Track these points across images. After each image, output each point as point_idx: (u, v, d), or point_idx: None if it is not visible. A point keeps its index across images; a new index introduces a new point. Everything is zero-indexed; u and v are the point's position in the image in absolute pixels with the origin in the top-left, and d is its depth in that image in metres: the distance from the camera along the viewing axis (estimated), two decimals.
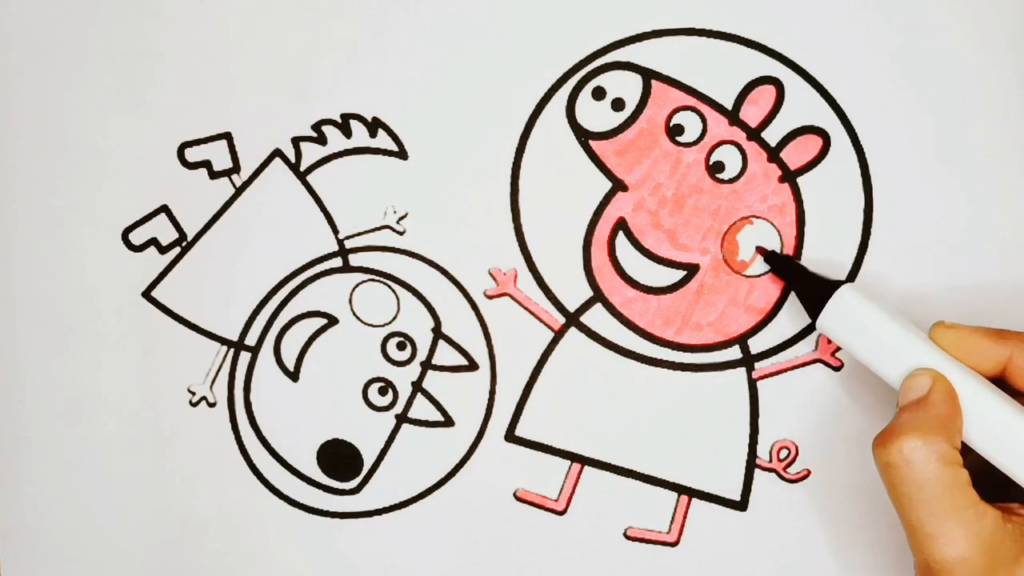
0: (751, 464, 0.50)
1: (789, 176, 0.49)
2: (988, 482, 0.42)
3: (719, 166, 0.49)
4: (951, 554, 0.40)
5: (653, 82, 0.49)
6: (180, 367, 0.51)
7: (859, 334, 0.44)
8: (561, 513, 0.51)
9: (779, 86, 0.49)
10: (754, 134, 0.49)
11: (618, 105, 0.49)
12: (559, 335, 0.50)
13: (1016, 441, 0.41)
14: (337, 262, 0.50)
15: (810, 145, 0.49)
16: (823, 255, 0.48)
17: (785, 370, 0.50)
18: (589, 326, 0.50)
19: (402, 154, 0.50)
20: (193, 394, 0.51)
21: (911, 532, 0.41)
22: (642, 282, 0.50)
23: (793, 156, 0.49)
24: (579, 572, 0.51)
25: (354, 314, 0.50)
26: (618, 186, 0.49)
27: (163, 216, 0.50)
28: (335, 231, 0.50)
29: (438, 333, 0.50)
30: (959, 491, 0.40)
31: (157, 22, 0.50)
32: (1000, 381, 0.43)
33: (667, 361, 0.50)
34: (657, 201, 0.49)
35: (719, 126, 0.49)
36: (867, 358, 0.44)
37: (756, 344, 0.50)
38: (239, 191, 0.50)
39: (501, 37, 0.49)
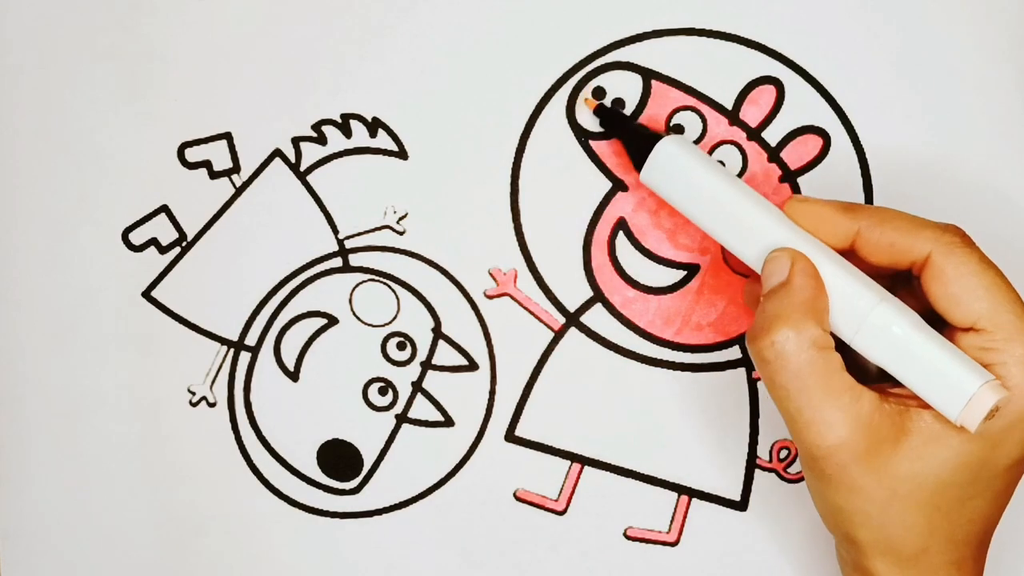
0: (751, 464, 0.50)
1: (789, 176, 0.49)
2: (860, 364, 0.42)
3: None
4: (832, 439, 0.39)
5: (653, 82, 0.49)
6: (180, 367, 0.51)
7: (682, 186, 0.44)
8: (561, 513, 0.51)
9: (779, 86, 0.49)
10: (754, 134, 0.49)
11: (618, 105, 0.49)
12: (559, 335, 0.50)
13: (871, 319, 0.40)
14: (337, 262, 0.50)
15: (810, 145, 0.49)
16: None
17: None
18: (589, 326, 0.50)
19: (402, 154, 0.50)
20: (193, 394, 0.51)
21: (791, 421, 0.40)
22: (642, 282, 0.50)
23: (793, 156, 0.49)
24: (579, 572, 0.51)
25: (354, 314, 0.50)
26: (618, 186, 0.49)
27: (163, 216, 0.50)
28: (335, 231, 0.50)
29: (438, 333, 0.50)
30: (834, 376, 0.40)
31: (157, 22, 0.50)
32: (850, 255, 0.42)
33: (667, 361, 0.50)
34: (657, 201, 0.49)
35: (719, 126, 0.49)
36: (690, 210, 0.44)
37: None
38: (239, 191, 0.50)
39: (501, 37, 0.49)
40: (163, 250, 0.50)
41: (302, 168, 0.50)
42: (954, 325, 0.41)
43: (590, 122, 0.49)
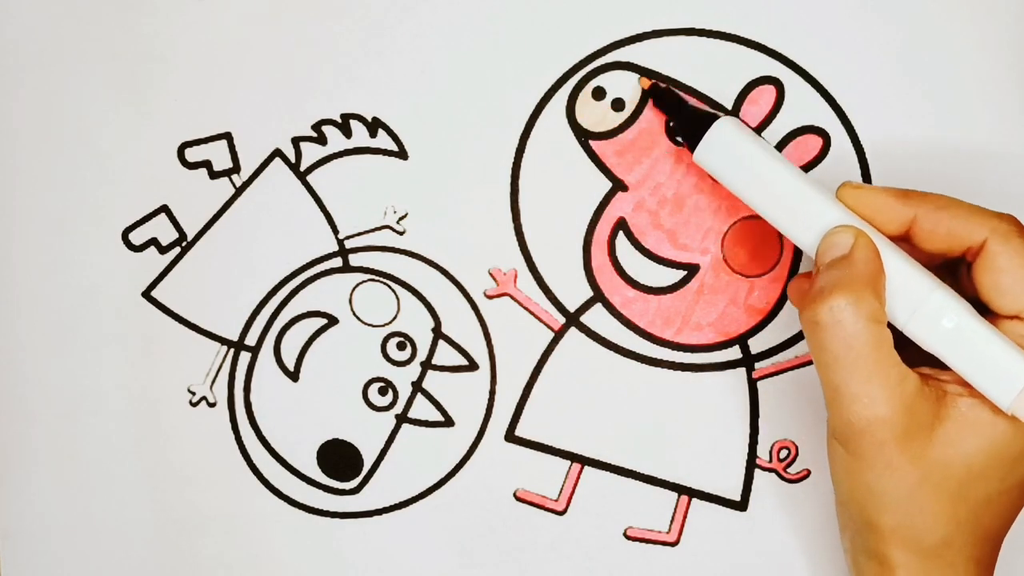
0: (751, 464, 0.50)
1: None
2: (900, 345, 0.41)
3: None
4: (873, 414, 0.39)
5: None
6: (180, 367, 0.51)
7: (737, 166, 0.44)
8: (561, 513, 0.51)
9: (779, 86, 0.49)
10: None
11: (618, 105, 0.49)
12: (559, 335, 0.50)
13: (926, 305, 0.40)
14: (337, 262, 0.50)
15: (810, 145, 0.49)
16: None
17: (785, 370, 0.50)
18: (589, 326, 0.50)
19: (402, 154, 0.50)
20: (193, 394, 0.51)
21: (833, 392, 0.40)
22: (642, 282, 0.50)
23: (793, 156, 0.49)
24: (579, 572, 0.51)
25: (354, 314, 0.50)
26: (618, 186, 0.49)
27: (163, 216, 0.50)
28: (335, 231, 0.50)
29: (438, 333, 0.50)
30: (884, 351, 0.39)
31: (157, 22, 0.50)
32: (901, 242, 0.42)
33: (667, 361, 0.50)
34: (657, 201, 0.49)
35: None
36: (744, 191, 0.44)
37: (756, 344, 0.50)
38: (239, 191, 0.50)
39: (501, 37, 0.49)
40: (163, 250, 0.50)
41: (302, 168, 0.50)
42: (999, 313, 0.41)
43: (590, 122, 0.49)
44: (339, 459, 0.51)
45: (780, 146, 0.49)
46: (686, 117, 0.46)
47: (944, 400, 0.40)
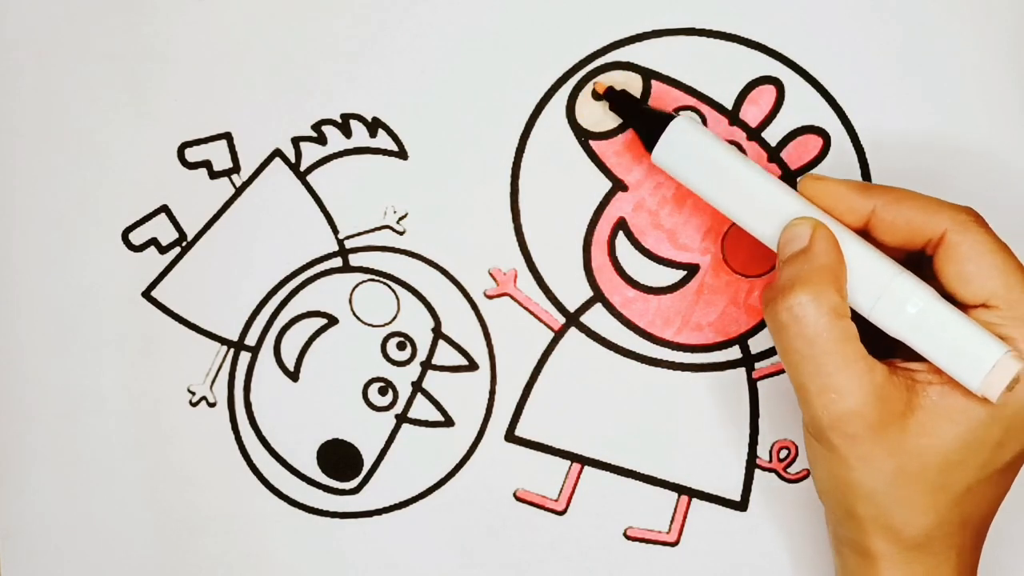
0: (751, 464, 0.50)
1: (789, 176, 0.49)
2: (869, 337, 0.41)
3: None
4: (843, 407, 0.39)
5: (653, 82, 0.49)
6: (180, 367, 0.51)
7: (696, 164, 0.44)
8: (561, 513, 0.51)
9: (779, 86, 0.49)
10: (754, 134, 0.49)
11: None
12: (559, 335, 0.50)
13: (890, 291, 0.40)
14: (337, 262, 0.50)
15: (810, 145, 0.49)
16: None
17: (785, 370, 0.50)
18: (589, 326, 0.50)
19: (402, 154, 0.50)
20: (193, 394, 0.51)
21: (801, 388, 0.40)
22: (642, 282, 0.50)
23: (793, 156, 0.49)
24: (579, 572, 0.51)
25: (354, 314, 0.50)
26: (618, 186, 0.49)
27: (163, 216, 0.50)
28: (335, 231, 0.50)
29: (438, 333, 0.50)
30: (849, 344, 0.39)
31: (157, 22, 0.50)
32: (863, 234, 0.42)
33: (667, 361, 0.50)
34: (657, 201, 0.49)
35: (719, 126, 0.49)
36: (704, 189, 0.44)
37: (756, 344, 0.50)
38: (239, 191, 0.50)
39: (501, 37, 0.49)
40: (163, 250, 0.50)
41: (302, 168, 0.50)
42: (965, 303, 0.41)
43: (590, 122, 0.49)
44: (339, 459, 0.51)
45: (780, 146, 0.49)
46: (643, 119, 0.46)
47: (915, 389, 0.40)
